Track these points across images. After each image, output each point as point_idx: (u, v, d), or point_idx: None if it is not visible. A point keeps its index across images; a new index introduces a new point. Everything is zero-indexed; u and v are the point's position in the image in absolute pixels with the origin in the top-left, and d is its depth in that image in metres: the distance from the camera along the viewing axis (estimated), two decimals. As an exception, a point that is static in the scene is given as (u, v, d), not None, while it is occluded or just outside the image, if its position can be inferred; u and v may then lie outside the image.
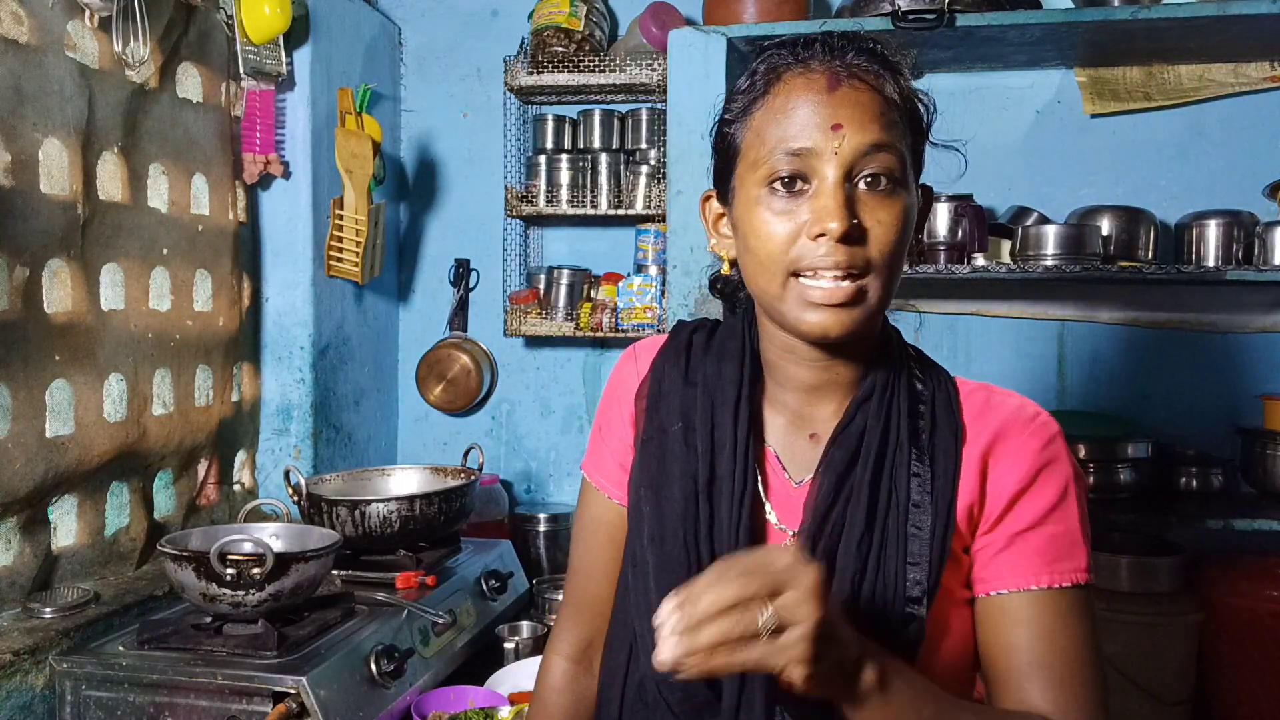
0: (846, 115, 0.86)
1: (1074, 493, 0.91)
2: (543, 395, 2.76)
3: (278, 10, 2.03)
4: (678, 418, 0.98)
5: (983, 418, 0.93)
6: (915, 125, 0.93)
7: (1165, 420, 2.43)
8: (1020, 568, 0.89)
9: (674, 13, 2.48)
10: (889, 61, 0.91)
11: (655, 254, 2.50)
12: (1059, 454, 0.91)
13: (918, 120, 0.93)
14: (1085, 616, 0.89)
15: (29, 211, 1.59)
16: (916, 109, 0.93)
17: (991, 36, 2.16)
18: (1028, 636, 0.88)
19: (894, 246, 0.86)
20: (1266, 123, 2.35)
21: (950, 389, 0.95)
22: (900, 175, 0.88)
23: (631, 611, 0.97)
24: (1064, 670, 0.87)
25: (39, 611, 1.58)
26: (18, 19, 1.58)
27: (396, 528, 1.88)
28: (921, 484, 0.89)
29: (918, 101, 0.93)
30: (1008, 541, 0.90)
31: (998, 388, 0.97)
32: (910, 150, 0.91)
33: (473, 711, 1.56)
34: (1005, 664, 0.89)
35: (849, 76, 0.89)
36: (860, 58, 0.91)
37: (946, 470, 0.90)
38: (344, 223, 2.31)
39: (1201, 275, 2.10)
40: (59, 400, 1.67)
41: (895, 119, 0.89)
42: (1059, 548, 0.89)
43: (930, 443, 0.91)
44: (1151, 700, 2.16)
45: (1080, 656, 0.88)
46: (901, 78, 0.91)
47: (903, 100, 0.91)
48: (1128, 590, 2.20)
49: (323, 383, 2.36)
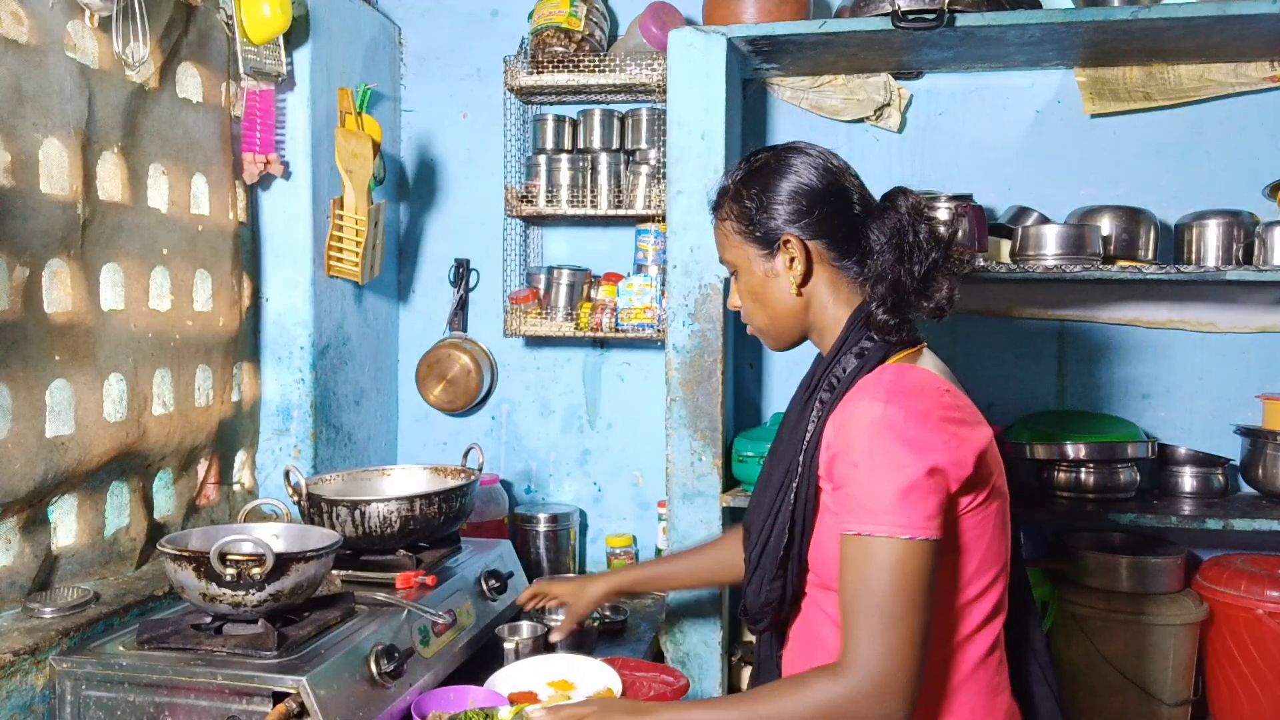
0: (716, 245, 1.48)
1: (864, 462, 1.18)
2: (543, 395, 2.76)
3: (278, 10, 2.03)
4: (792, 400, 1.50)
5: (847, 396, 1.27)
6: (738, 216, 1.39)
7: (1165, 420, 2.43)
8: (840, 515, 1.21)
9: (674, 13, 2.49)
10: (720, 195, 1.43)
11: (655, 254, 2.50)
12: (857, 431, 1.19)
13: (739, 211, 1.39)
14: (875, 566, 1.16)
15: (29, 211, 1.59)
16: (738, 206, 1.39)
17: (991, 36, 2.16)
18: (841, 577, 1.21)
19: (746, 305, 1.44)
20: (1266, 123, 2.35)
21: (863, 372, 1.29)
22: (734, 268, 1.43)
23: None
24: (846, 603, 1.18)
25: (39, 611, 1.58)
26: (18, 19, 1.58)
27: (396, 528, 1.88)
28: (811, 427, 1.31)
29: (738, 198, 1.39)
30: (830, 492, 1.24)
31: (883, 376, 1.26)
32: (739, 238, 1.39)
33: (473, 711, 1.56)
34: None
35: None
36: (711, 209, 1.46)
37: (820, 422, 1.29)
38: (344, 223, 2.31)
39: (1201, 275, 2.11)
40: (59, 400, 1.67)
41: (724, 233, 1.42)
42: (851, 505, 1.19)
43: (825, 405, 1.31)
44: (1151, 700, 2.16)
45: (860, 596, 1.16)
46: (722, 201, 1.43)
47: (727, 214, 1.41)
48: (1128, 590, 2.20)
49: (323, 383, 2.36)
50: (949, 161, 2.50)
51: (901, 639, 1.14)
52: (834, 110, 2.52)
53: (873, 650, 1.14)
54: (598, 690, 1.69)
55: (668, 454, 2.22)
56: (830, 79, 2.51)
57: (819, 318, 1.38)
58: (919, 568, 1.15)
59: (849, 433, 1.20)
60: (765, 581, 1.34)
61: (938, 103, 2.51)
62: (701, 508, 2.19)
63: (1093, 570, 2.24)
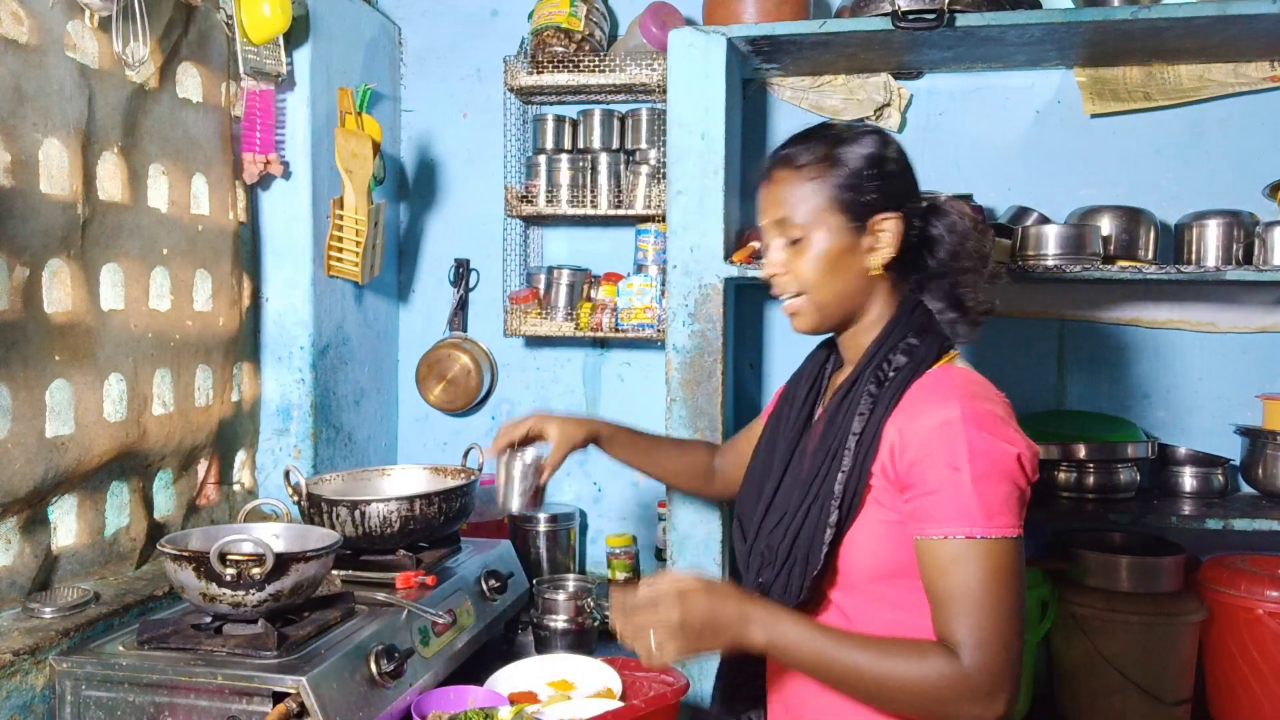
0: (766, 202, 1.37)
1: (965, 467, 1.17)
2: (543, 395, 2.76)
3: (278, 10, 2.03)
4: (788, 389, 1.53)
5: (912, 396, 1.26)
6: (842, 179, 1.31)
7: (1165, 420, 2.43)
8: (921, 520, 1.20)
9: (674, 13, 2.49)
10: (806, 147, 1.34)
11: (655, 254, 2.50)
12: (951, 435, 1.19)
13: (845, 175, 1.31)
14: (984, 567, 1.16)
15: (29, 211, 1.59)
16: (844, 168, 1.31)
17: (991, 36, 2.16)
18: (933, 575, 1.19)
19: (807, 275, 1.33)
20: (1266, 123, 2.35)
21: (922, 368, 1.29)
22: (804, 231, 1.32)
23: None
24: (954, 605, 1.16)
25: (39, 611, 1.58)
26: (18, 19, 1.58)
27: (396, 528, 1.88)
28: (861, 421, 1.28)
29: (846, 162, 1.31)
30: (915, 498, 1.21)
31: (955, 378, 1.27)
32: (828, 203, 1.31)
33: (473, 711, 1.56)
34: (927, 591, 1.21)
35: (770, 174, 1.37)
36: (784, 152, 1.36)
37: (878, 418, 1.27)
38: (344, 223, 2.31)
39: (1201, 275, 2.10)
40: (59, 400, 1.67)
41: (803, 191, 1.32)
42: (954, 509, 1.17)
43: (876, 399, 1.28)
44: (1151, 700, 2.16)
45: (971, 596, 1.15)
46: (813, 157, 1.32)
47: (816, 172, 1.32)
48: (1128, 590, 2.20)
49: (323, 383, 2.36)
50: (949, 161, 2.50)
51: (1012, 636, 1.15)
52: (834, 110, 2.52)
53: (987, 645, 1.14)
54: (598, 690, 1.69)
55: (668, 454, 2.21)
56: (830, 79, 2.51)
57: (871, 307, 1.36)
58: (1018, 563, 1.18)
59: (936, 439, 1.19)
60: (799, 576, 1.29)
61: (938, 103, 2.51)
62: (701, 508, 2.19)
63: (1093, 570, 2.24)
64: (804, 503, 1.31)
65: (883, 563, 1.26)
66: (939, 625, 1.18)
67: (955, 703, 1.14)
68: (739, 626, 1.19)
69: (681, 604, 1.18)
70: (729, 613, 1.19)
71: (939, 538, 1.18)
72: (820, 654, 1.18)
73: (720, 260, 2.18)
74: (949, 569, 1.17)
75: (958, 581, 1.16)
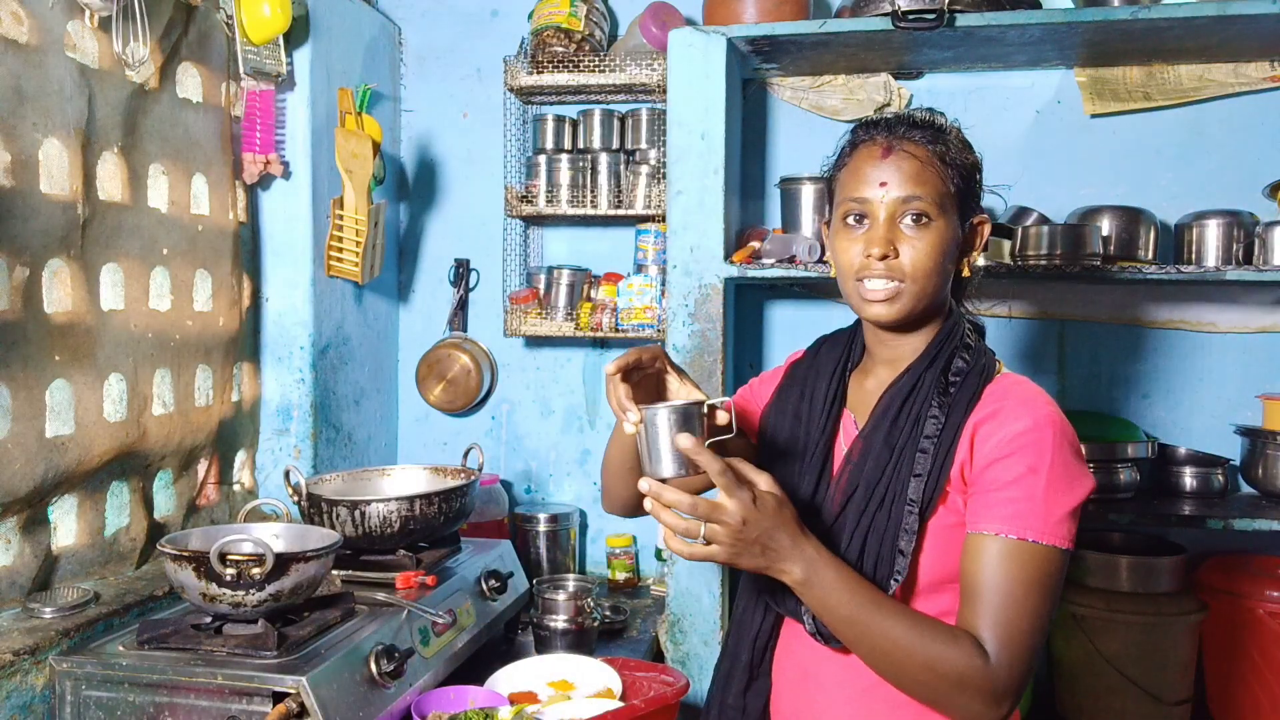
0: (890, 175, 1.25)
1: (1044, 472, 1.17)
2: (543, 395, 2.76)
3: (278, 10, 2.03)
4: (799, 388, 1.43)
5: (993, 397, 1.24)
6: (960, 174, 1.27)
7: (1165, 420, 2.43)
8: (980, 514, 1.19)
9: (674, 13, 2.49)
10: (935, 133, 1.28)
11: (655, 254, 2.50)
12: (1040, 439, 1.18)
13: (962, 170, 1.27)
14: (1036, 571, 1.16)
15: (29, 211, 1.59)
16: (960, 162, 1.27)
17: (991, 36, 2.16)
18: (976, 568, 1.17)
19: (924, 262, 1.24)
20: (1266, 123, 2.35)
21: (988, 372, 1.27)
22: (932, 215, 1.24)
23: None
24: (991, 601, 1.15)
25: (39, 611, 1.58)
26: (18, 19, 1.58)
27: (396, 528, 1.88)
28: (936, 424, 1.24)
29: (962, 157, 1.28)
30: (981, 494, 1.19)
31: (1032, 386, 1.26)
32: (951, 193, 1.26)
33: (473, 711, 1.56)
34: (964, 584, 1.19)
35: (898, 146, 1.26)
36: (911, 130, 1.28)
37: (955, 421, 1.23)
38: (344, 223, 2.31)
39: (1201, 275, 2.11)
40: (59, 400, 1.67)
41: (932, 174, 1.25)
42: (1018, 509, 1.16)
43: (951, 400, 1.25)
44: (1151, 700, 2.16)
45: (1011, 597, 1.15)
46: (943, 145, 1.27)
47: (943, 159, 1.26)
48: (1128, 590, 2.20)
49: (323, 383, 2.36)
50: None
51: (1039, 645, 1.17)
52: (834, 110, 2.52)
53: (1009, 648, 1.14)
54: (598, 690, 1.69)
55: (668, 454, 2.21)
56: (830, 79, 2.51)
57: (940, 306, 1.32)
58: (1061, 577, 1.19)
59: (1025, 440, 1.18)
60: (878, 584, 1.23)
61: (938, 103, 2.49)
62: (701, 508, 2.19)
63: (1093, 570, 2.24)
64: (867, 509, 1.24)
65: (946, 568, 1.23)
66: (966, 615, 1.17)
67: (969, 694, 1.13)
68: (785, 555, 1.14)
69: (753, 510, 1.11)
70: (782, 539, 1.13)
71: (993, 533, 1.17)
72: (858, 609, 1.15)
73: (720, 260, 2.18)
74: (995, 565, 1.16)
75: (1001, 579, 1.15)
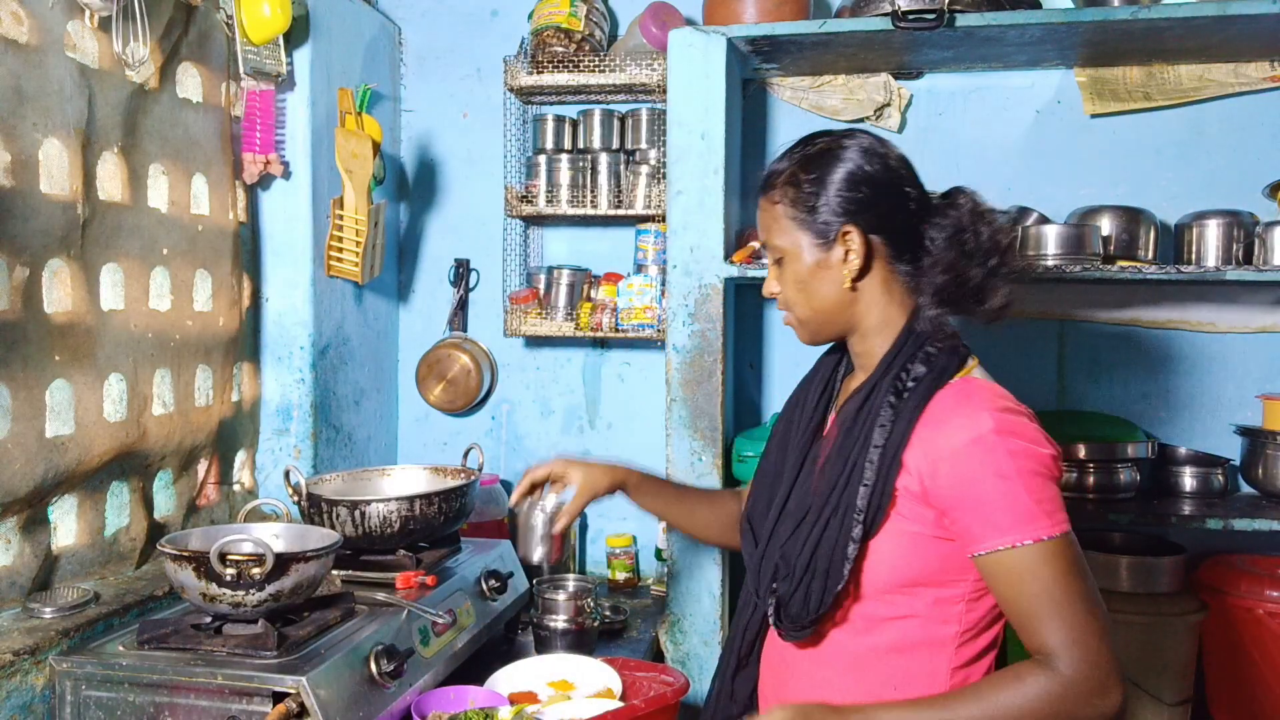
0: (760, 227, 1.40)
1: (1013, 472, 1.17)
2: (543, 395, 2.76)
3: (278, 10, 2.03)
4: (799, 392, 1.52)
5: (939, 405, 1.25)
6: (812, 197, 1.31)
7: (1165, 420, 2.43)
8: (980, 536, 1.19)
9: (674, 13, 2.49)
10: (779, 174, 1.35)
11: (655, 254, 2.50)
12: (989, 446, 1.18)
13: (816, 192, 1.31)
14: (1050, 568, 1.16)
15: (29, 211, 1.59)
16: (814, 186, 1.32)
17: (991, 36, 2.16)
18: (1007, 587, 1.19)
19: (792, 295, 1.36)
20: (1266, 123, 2.35)
21: (945, 376, 1.28)
22: (785, 254, 1.35)
23: None
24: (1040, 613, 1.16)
25: (39, 611, 1.58)
26: (18, 19, 1.58)
27: (396, 528, 1.88)
28: (883, 433, 1.26)
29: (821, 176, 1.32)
30: (965, 513, 1.20)
31: (977, 389, 1.26)
32: (798, 224, 1.32)
33: (473, 711, 1.56)
34: (1006, 608, 1.22)
35: (761, 200, 1.39)
36: (771, 179, 1.37)
37: (901, 431, 1.25)
38: (344, 223, 2.31)
39: (1201, 275, 2.10)
40: (59, 400, 1.67)
41: (778, 217, 1.34)
42: (1015, 516, 1.17)
43: (899, 407, 1.26)
44: (1151, 700, 2.16)
45: (1053, 600, 1.15)
46: (790, 185, 1.33)
47: (789, 199, 1.33)
48: (1128, 590, 2.20)
49: (323, 383, 2.36)
50: (949, 162, 2.50)
51: (1102, 628, 1.16)
52: (834, 110, 2.52)
53: (1081, 643, 1.14)
54: (598, 690, 1.69)
55: (668, 454, 2.21)
56: (830, 79, 2.51)
57: (865, 316, 1.34)
58: (1080, 555, 1.19)
59: (973, 454, 1.19)
60: (819, 589, 1.28)
61: (938, 103, 2.51)
62: (701, 508, 2.19)
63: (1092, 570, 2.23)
64: (823, 514, 1.29)
65: (901, 574, 1.26)
66: (1029, 638, 1.18)
67: (1075, 708, 1.14)
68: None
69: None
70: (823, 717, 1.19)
71: (1006, 548, 1.17)
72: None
73: (720, 260, 2.18)
74: (1025, 578, 1.17)
75: (1038, 588, 1.16)
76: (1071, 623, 1.15)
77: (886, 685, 1.28)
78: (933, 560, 1.25)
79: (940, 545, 1.24)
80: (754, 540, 1.44)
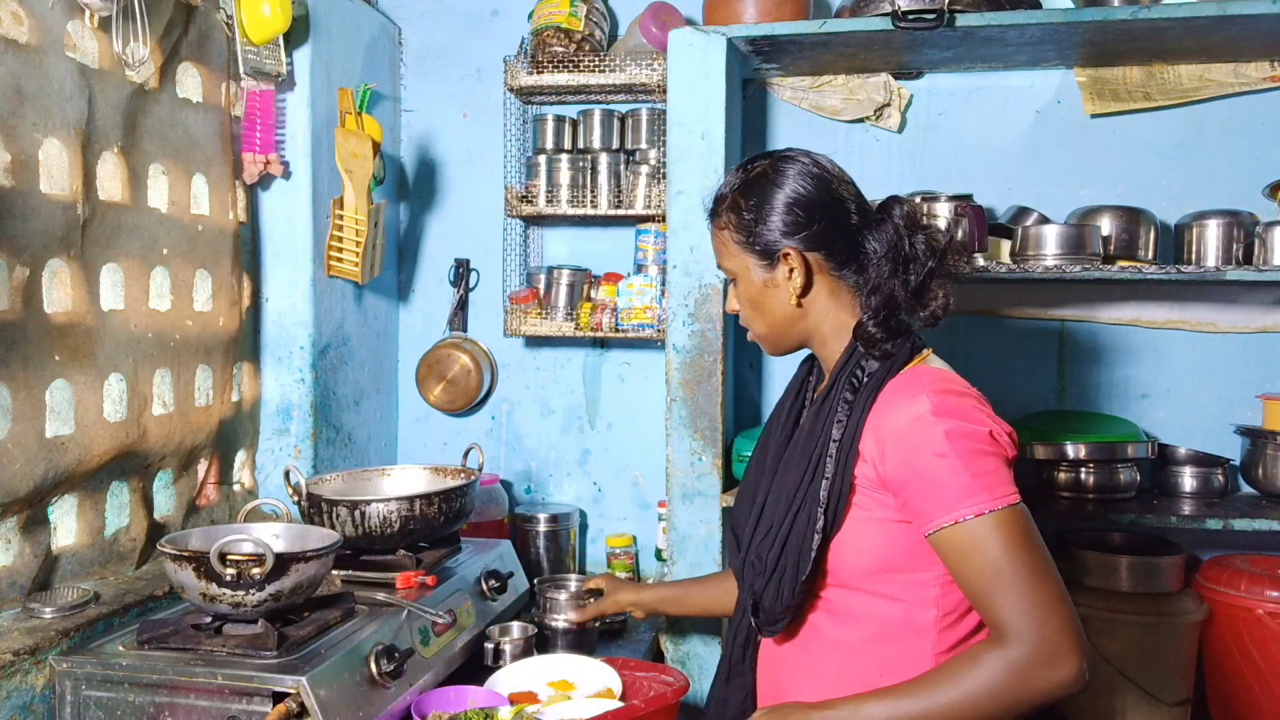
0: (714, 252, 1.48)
1: (950, 451, 1.20)
2: (543, 395, 2.76)
3: (278, 10, 2.03)
4: (782, 397, 1.57)
5: (887, 394, 1.29)
6: (752, 220, 1.38)
7: (1165, 420, 2.43)
8: (927, 515, 1.22)
9: (674, 13, 2.49)
10: (725, 198, 1.42)
11: (655, 254, 2.50)
12: (926, 426, 1.22)
13: (755, 214, 1.37)
14: (996, 540, 1.17)
15: (29, 211, 1.59)
16: (753, 209, 1.38)
17: (991, 36, 2.16)
18: (957, 564, 1.21)
19: (746, 313, 1.44)
20: (1266, 123, 2.35)
21: (892, 373, 1.32)
22: (735, 275, 1.43)
23: None
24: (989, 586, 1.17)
25: (39, 611, 1.58)
26: (18, 19, 1.58)
27: (396, 528, 1.88)
28: (840, 428, 1.31)
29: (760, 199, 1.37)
30: (911, 495, 1.23)
31: (920, 374, 1.29)
32: (742, 246, 1.39)
33: (473, 711, 1.56)
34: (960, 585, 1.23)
35: (710, 227, 1.47)
36: (716, 207, 1.45)
37: (855, 422, 1.30)
38: (344, 223, 2.31)
39: (1201, 275, 2.11)
40: (59, 400, 1.67)
41: (726, 242, 1.42)
42: (954, 492, 1.19)
43: (851, 405, 1.32)
44: (1151, 700, 2.16)
45: (1001, 572, 1.17)
46: (732, 211, 1.40)
47: (733, 224, 1.40)
48: (1128, 590, 2.20)
49: (323, 383, 2.36)
50: (949, 161, 2.50)
51: (1054, 597, 1.16)
52: (834, 110, 2.52)
53: (1031, 614, 1.14)
54: (598, 690, 1.69)
55: (668, 454, 2.22)
56: (830, 79, 2.51)
57: (819, 326, 1.40)
58: (1029, 527, 1.20)
59: (913, 433, 1.23)
60: (790, 581, 1.33)
61: (938, 103, 2.51)
62: (701, 508, 2.19)
63: (1093, 570, 2.24)
64: (789, 511, 1.34)
65: (871, 560, 1.29)
66: (984, 613, 1.20)
67: (1029, 681, 1.14)
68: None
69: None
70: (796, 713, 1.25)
71: (950, 524, 1.19)
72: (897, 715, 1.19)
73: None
74: (972, 553, 1.18)
75: (985, 561, 1.18)
76: (1020, 594, 1.15)
77: (876, 674, 1.29)
78: (900, 545, 1.28)
79: (904, 529, 1.27)
80: (738, 546, 1.48)
